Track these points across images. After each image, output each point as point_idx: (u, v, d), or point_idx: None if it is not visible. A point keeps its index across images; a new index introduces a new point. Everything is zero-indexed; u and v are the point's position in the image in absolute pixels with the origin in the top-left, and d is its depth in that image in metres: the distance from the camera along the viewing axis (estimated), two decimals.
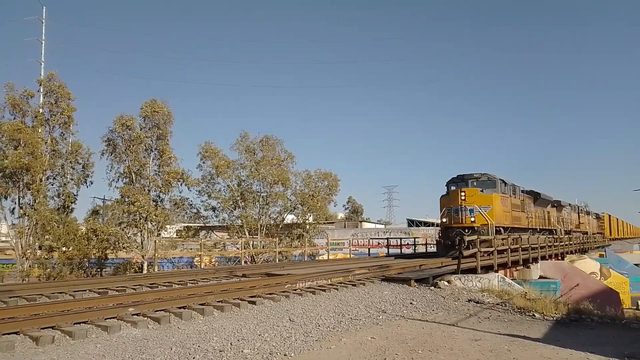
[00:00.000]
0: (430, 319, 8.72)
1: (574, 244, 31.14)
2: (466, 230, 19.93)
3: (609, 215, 63.30)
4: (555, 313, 9.61)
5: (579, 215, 42.51)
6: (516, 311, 9.85)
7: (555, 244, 25.98)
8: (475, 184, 21.49)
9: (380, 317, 8.71)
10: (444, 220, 21.39)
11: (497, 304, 10.50)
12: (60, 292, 10.21)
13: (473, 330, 7.86)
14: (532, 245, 20.62)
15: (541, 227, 28.15)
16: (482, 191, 20.89)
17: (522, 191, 26.03)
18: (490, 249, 16.36)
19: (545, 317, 9.34)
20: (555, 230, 31.05)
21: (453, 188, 21.85)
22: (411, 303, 10.09)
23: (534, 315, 9.48)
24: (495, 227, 20.19)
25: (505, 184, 22.51)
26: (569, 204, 39.45)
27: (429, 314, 9.28)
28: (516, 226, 23.10)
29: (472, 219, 20.20)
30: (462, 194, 20.70)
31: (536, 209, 28.01)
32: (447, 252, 19.91)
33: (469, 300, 10.75)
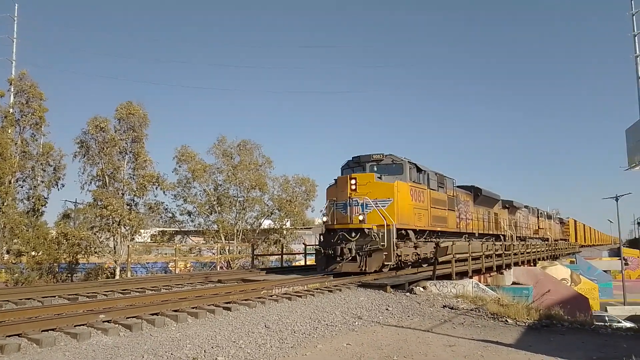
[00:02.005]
0: (405, 325, 8.76)
1: (529, 253, 26.66)
2: (352, 235, 14.24)
3: (575, 221, 60.14)
4: (527, 319, 9.79)
5: (538, 219, 38.73)
6: (490, 317, 9.99)
7: (501, 252, 21.06)
8: (375, 168, 15.54)
9: (356, 323, 8.71)
10: (325, 219, 15.32)
11: (472, 310, 10.63)
12: (28, 298, 9.90)
13: (447, 336, 7.93)
14: (459, 256, 15.79)
15: (484, 232, 23.41)
16: (380, 178, 14.85)
17: (456, 185, 20.59)
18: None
19: (518, 322, 9.51)
20: (505, 235, 26.72)
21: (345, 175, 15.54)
22: (387, 309, 10.12)
23: (506, 320, 9.63)
24: (402, 229, 14.74)
25: (421, 170, 16.48)
26: (525, 206, 34.81)
27: (405, 319, 9.33)
28: (441, 229, 17.76)
29: (361, 218, 14.25)
30: (353, 181, 14.50)
31: (477, 208, 23.01)
32: (328, 265, 14.63)
33: (444, 306, 10.85)
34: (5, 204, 22.23)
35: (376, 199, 14.30)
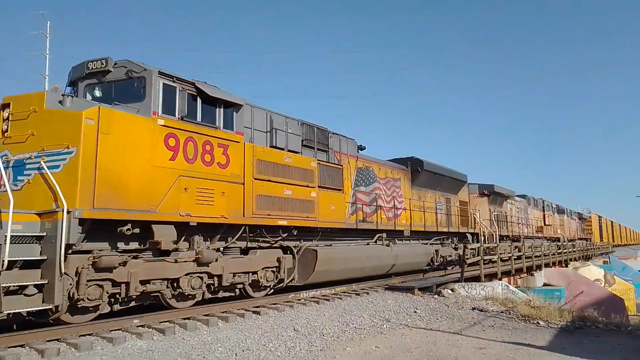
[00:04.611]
0: (434, 328, 8.70)
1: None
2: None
3: (599, 217, 52.96)
4: (559, 321, 9.59)
5: (543, 214, 31.82)
6: (520, 319, 9.83)
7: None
8: (98, 90, 8.44)
9: (385, 326, 8.70)
10: None
11: (501, 312, 10.48)
12: None
13: (477, 339, 7.85)
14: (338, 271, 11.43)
15: (434, 229, 16.97)
16: (64, 103, 7.16)
17: (360, 147, 14.07)
18: None
19: (550, 324, 9.33)
20: (479, 234, 20.16)
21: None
22: (415, 312, 10.07)
23: (538, 323, 9.46)
24: (128, 221, 7.29)
25: (210, 100, 8.88)
26: (522, 196, 28.53)
27: (433, 322, 9.27)
28: (301, 223, 10.65)
29: None
30: (5, 113, 7.29)
31: (419, 192, 16.55)
32: None
33: (473, 309, 10.73)
34: None
35: (43, 151, 6.88)
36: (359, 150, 14.27)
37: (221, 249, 9.22)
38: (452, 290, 12.62)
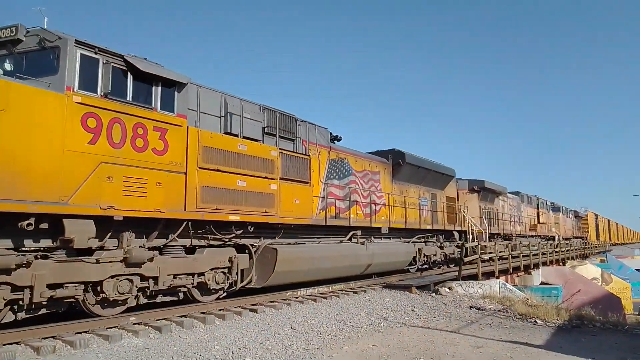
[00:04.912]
0: (432, 326, 8.69)
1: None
2: None
3: (596, 215, 52.21)
4: (557, 319, 9.60)
5: (538, 211, 31.39)
6: (518, 318, 9.83)
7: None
8: (8, 63, 7.23)
9: (382, 324, 8.68)
10: None
11: (499, 311, 10.48)
12: None
13: (475, 337, 7.84)
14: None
15: (417, 226, 15.94)
16: None
17: (336, 138, 13.40)
18: None
19: (547, 323, 9.33)
20: (468, 231, 19.14)
21: None
22: (412, 310, 10.07)
23: (535, 321, 9.46)
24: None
25: (141, 75, 7.78)
26: (515, 193, 27.81)
27: (431, 321, 9.26)
28: (258, 219, 9.58)
29: None
30: None
31: (401, 187, 15.70)
32: None
33: (471, 307, 10.73)
34: None
35: None
36: (335, 141, 13.30)
37: (162, 247, 8.26)
38: (449, 288, 12.62)
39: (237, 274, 9.36)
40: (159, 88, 8.04)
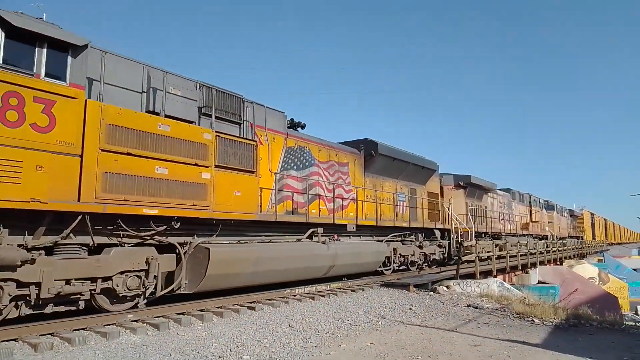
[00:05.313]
0: (429, 325, 8.71)
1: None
2: None
3: (592, 214, 51.01)
4: (554, 318, 9.62)
5: (530, 210, 30.49)
6: (515, 316, 9.85)
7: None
8: None
9: (380, 322, 8.70)
10: None
11: (496, 309, 10.50)
12: None
13: (472, 336, 7.86)
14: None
15: (395, 223, 14.67)
16: None
17: (297, 124, 12.31)
18: None
19: (545, 322, 9.35)
20: (458, 230, 17.60)
21: None
22: (410, 308, 10.08)
23: (533, 320, 9.48)
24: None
25: None
26: (505, 190, 26.86)
27: (429, 319, 9.27)
28: (195, 214, 8.32)
29: None
30: None
31: (375, 180, 14.51)
32: None
33: (468, 306, 10.75)
34: None
35: None
36: (298, 129, 12.08)
37: (52, 246, 6.85)
38: (447, 287, 12.65)
39: (155, 277, 7.90)
40: (44, 50, 6.59)
